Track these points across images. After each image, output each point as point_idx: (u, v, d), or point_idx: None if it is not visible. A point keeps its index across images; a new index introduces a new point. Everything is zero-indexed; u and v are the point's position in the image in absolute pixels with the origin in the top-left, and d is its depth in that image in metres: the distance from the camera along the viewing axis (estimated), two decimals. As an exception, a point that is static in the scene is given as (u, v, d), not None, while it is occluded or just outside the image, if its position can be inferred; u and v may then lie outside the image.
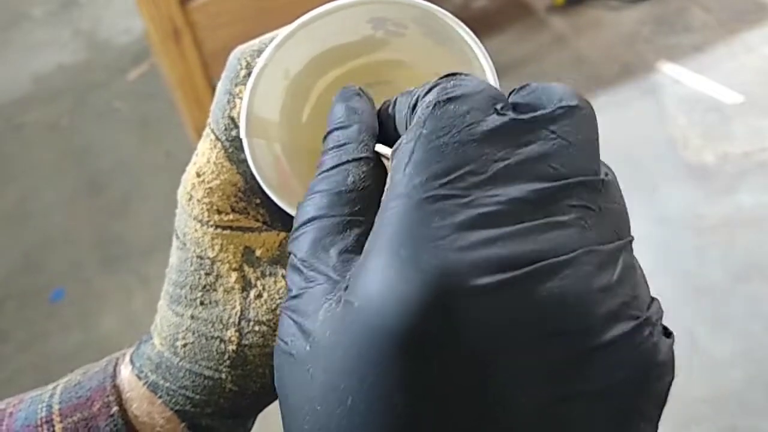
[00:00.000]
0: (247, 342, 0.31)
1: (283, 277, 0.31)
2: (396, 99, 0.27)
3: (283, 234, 0.32)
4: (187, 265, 0.32)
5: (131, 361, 0.33)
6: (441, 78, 0.24)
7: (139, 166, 1.75)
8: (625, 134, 1.63)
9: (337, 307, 0.22)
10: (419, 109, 0.23)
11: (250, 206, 0.32)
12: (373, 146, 0.26)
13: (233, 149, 0.31)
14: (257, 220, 0.32)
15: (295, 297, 0.24)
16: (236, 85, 0.32)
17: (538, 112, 0.23)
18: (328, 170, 0.25)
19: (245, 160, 0.31)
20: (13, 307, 1.52)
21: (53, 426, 0.31)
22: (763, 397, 1.21)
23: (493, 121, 0.22)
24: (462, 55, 0.32)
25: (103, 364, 0.34)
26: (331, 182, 0.25)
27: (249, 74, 0.32)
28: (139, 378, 0.32)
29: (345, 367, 0.21)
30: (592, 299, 0.20)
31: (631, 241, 0.23)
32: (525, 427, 0.20)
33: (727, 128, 1.60)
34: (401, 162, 0.22)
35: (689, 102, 1.67)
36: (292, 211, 0.30)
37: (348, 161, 0.25)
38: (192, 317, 0.32)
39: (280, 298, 0.31)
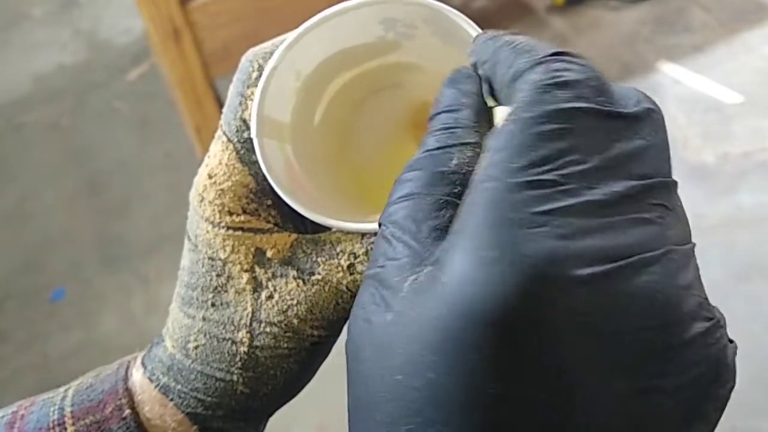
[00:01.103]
0: (258, 344, 0.31)
1: (294, 278, 0.30)
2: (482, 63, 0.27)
3: (294, 236, 0.31)
4: (198, 266, 0.32)
5: (143, 364, 0.33)
6: (548, 55, 0.23)
7: (139, 166, 1.76)
8: (625, 134, 1.63)
9: (424, 281, 0.22)
10: (524, 89, 0.23)
11: (262, 207, 0.32)
12: (483, 131, 0.25)
13: (245, 151, 0.32)
14: (268, 222, 0.32)
15: (381, 267, 0.24)
16: (248, 87, 0.32)
17: (630, 110, 0.23)
18: (432, 150, 0.25)
19: (257, 162, 0.31)
20: (13, 306, 1.53)
21: (65, 428, 0.31)
22: (763, 397, 1.21)
23: (597, 113, 0.22)
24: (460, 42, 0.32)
25: (114, 367, 0.33)
26: (435, 162, 0.25)
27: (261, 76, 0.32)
28: (151, 380, 0.32)
29: (430, 341, 0.21)
30: (677, 296, 0.21)
31: (694, 246, 0.24)
32: (602, 418, 0.20)
33: (727, 128, 1.60)
34: (500, 142, 0.22)
35: (689, 102, 1.67)
36: (303, 211, 0.30)
37: (454, 144, 0.25)
38: (204, 319, 0.31)
39: (291, 299, 0.30)
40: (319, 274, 0.30)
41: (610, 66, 1.78)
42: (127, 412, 0.31)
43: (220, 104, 1.70)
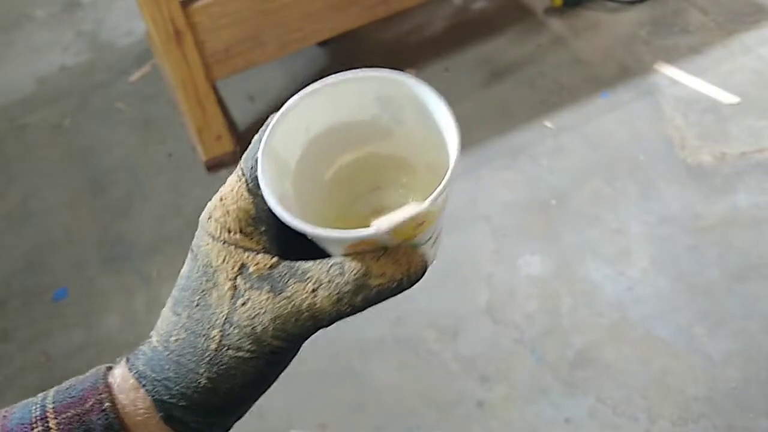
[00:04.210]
0: (226, 342, 0.35)
1: (267, 292, 0.35)
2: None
3: (275, 259, 0.36)
4: (194, 272, 0.37)
5: (127, 359, 0.37)
6: None
7: (142, 166, 1.77)
8: (623, 135, 1.64)
9: None
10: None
11: (256, 232, 0.37)
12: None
13: (254, 185, 0.37)
14: (258, 244, 0.37)
15: None
16: None
17: None
18: None
19: (261, 195, 0.36)
20: (16, 306, 1.54)
21: (47, 422, 0.35)
22: (759, 395, 1.22)
23: None
24: (443, 132, 0.37)
25: (93, 371, 0.37)
26: None
27: None
28: (130, 370, 0.37)
29: None
30: None
31: None
32: None
33: (724, 129, 1.61)
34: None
35: (686, 103, 1.68)
36: (280, 213, 0.35)
37: None
38: (188, 317, 0.36)
39: (260, 308, 0.35)
40: (287, 292, 0.35)
41: (608, 67, 1.79)
42: (107, 404, 0.35)
43: (222, 105, 1.71)
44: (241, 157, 0.39)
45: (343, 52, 1.94)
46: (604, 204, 1.51)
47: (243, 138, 1.73)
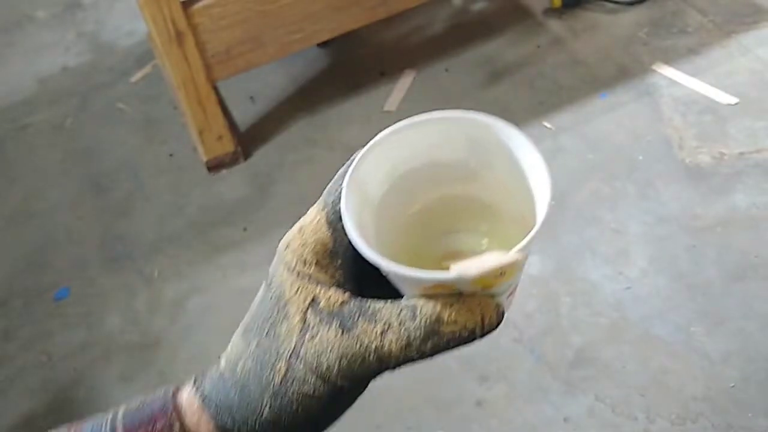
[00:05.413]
0: (291, 376, 0.35)
1: (336, 328, 0.35)
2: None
3: (347, 295, 0.36)
4: (266, 301, 0.37)
5: (194, 381, 0.38)
6: None
7: (143, 166, 1.77)
8: (622, 135, 1.64)
9: None
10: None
11: (331, 265, 0.37)
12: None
13: (334, 217, 0.37)
14: (333, 278, 0.36)
15: None
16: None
17: None
18: None
19: (340, 229, 0.36)
20: (17, 305, 1.54)
21: None
22: (758, 395, 1.22)
23: None
24: (530, 181, 0.36)
25: (161, 392, 0.38)
26: None
27: None
28: (197, 392, 0.37)
29: None
30: None
31: None
32: None
33: (722, 129, 1.62)
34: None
35: (685, 103, 1.68)
36: (362, 248, 0.34)
37: None
38: (257, 345, 0.36)
39: (327, 345, 0.35)
40: (356, 331, 0.34)
41: (606, 68, 1.80)
42: (177, 425, 0.35)
43: (222, 106, 1.71)
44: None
45: (344, 53, 1.95)
46: (603, 204, 1.51)
47: (243, 138, 1.74)
